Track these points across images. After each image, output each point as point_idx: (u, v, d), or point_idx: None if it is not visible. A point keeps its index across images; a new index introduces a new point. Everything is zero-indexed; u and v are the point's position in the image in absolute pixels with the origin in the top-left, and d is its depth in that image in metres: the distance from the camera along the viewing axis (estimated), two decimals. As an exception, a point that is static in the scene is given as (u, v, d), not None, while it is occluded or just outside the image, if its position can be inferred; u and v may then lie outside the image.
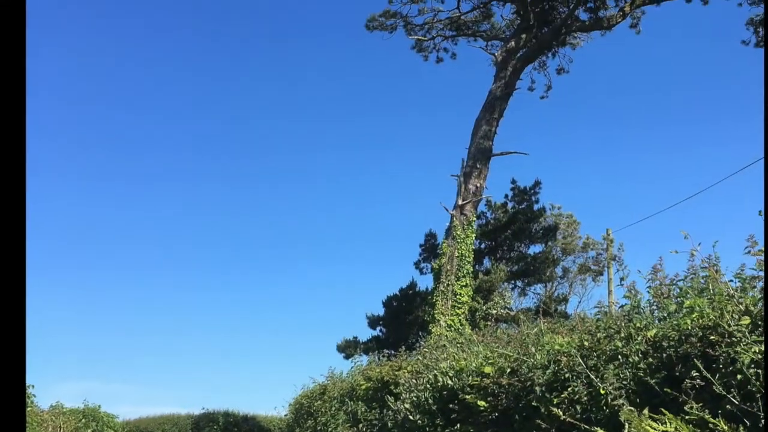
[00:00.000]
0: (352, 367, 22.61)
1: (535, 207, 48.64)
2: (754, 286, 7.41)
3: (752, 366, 6.34)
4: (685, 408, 6.63)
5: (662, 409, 6.75)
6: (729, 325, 6.74)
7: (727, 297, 7.30)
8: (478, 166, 32.77)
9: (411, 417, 13.70)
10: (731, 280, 7.78)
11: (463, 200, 32.14)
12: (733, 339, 6.61)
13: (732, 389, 6.44)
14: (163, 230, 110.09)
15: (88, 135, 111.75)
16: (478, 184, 32.67)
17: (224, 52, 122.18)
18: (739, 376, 6.43)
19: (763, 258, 7.21)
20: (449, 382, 12.80)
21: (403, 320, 46.56)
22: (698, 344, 7.15)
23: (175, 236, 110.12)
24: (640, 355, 7.98)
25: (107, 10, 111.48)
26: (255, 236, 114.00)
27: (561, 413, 8.28)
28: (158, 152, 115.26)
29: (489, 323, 29.70)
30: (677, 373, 7.27)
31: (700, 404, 6.61)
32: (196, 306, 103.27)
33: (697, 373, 6.72)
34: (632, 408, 7.30)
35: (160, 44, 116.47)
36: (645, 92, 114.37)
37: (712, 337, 6.90)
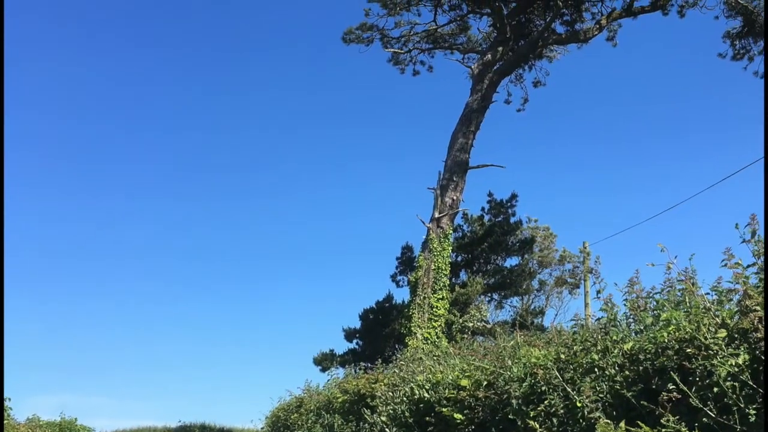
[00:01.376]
0: (328, 380, 22.57)
1: (512, 220, 48.73)
2: (731, 299, 7.42)
3: (729, 379, 6.35)
4: (662, 421, 6.64)
5: (639, 422, 6.76)
6: (705, 338, 6.74)
7: (703, 310, 7.31)
8: (454, 178, 32.80)
9: (387, 430, 13.67)
10: (708, 293, 7.79)
11: (439, 213, 32.14)
12: (710, 352, 6.62)
13: (708, 402, 6.45)
14: (140, 244, 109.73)
15: (61, 148, 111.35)
16: (455, 197, 32.68)
17: (201, 66, 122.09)
18: (715, 389, 6.44)
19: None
20: (426, 394, 12.79)
21: (379, 333, 46.49)
22: (675, 357, 7.16)
23: (152, 250, 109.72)
24: (616, 368, 7.98)
25: (85, 24, 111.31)
26: (232, 249, 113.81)
27: (537, 426, 8.28)
28: (133, 166, 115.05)
29: (465, 336, 29.67)
30: (654, 386, 7.28)
31: (677, 417, 6.62)
32: (172, 319, 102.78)
33: (674, 386, 6.73)
34: (609, 421, 7.31)
35: (138, 57, 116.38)
36: (622, 105, 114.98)
37: (688, 350, 6.91)
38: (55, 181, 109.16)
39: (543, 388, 8.91)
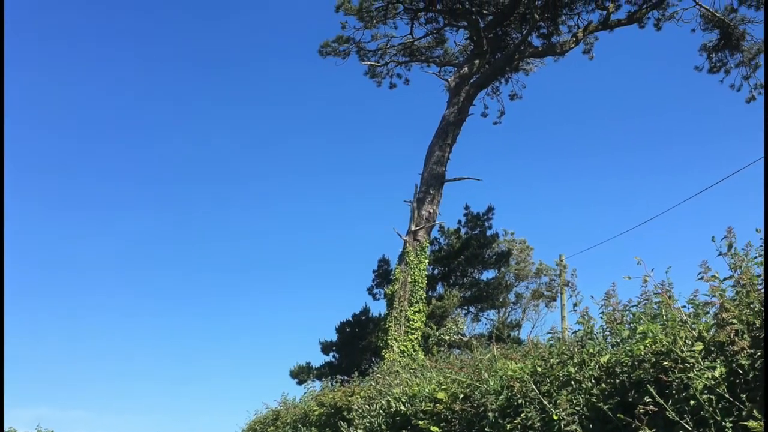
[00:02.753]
0: (305, 393, 22.47)
1: (488, 233, 48.87)
2: (707, 312, 7.42)
3: (705, 392, 6.34)
4: (639, 434, 6.63)
5: (616, 435, 6.75)
6: (682, 351, 6.74)
7: (680, 323, 7.31)
8: (431, 191, 32.79)
9: (364, 443, 13.63)
10: (684, 306, 7.79)
11: (416, 226, 32.12)
12: (687, 365, 6.61)
13: (685, 415, 6.44)
14: (116, 256, 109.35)
15: (36, 161, 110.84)
16: (431, 210, 32.67)
17: (177, 78, 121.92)
18: (692, 402, 6.43)
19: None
20: (402, 407, 12.75)
21: (356, 346, 46.49)
22: (651, 370, 7.15)
23: (128, 262, 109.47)
24: (593, 381, 7.97)
25: (62, 32, 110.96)
26: (208, 262, 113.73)
27: (514, 439, 8.26)
28: (108, 180, 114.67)
29: (442, 349, 29.69)
30: (630, 399, 7.26)
31: (653, 430, 6.61)
32: (149, 332, 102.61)
33: (650, 399, 6.71)
34: (585, 434, 7.29)
35: (115, 69, 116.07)
36: (598, 118, 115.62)
37: (665, 363, 6.90)
38: (31, 193, 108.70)
39: (519, 401, 8.89)
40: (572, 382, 8.21)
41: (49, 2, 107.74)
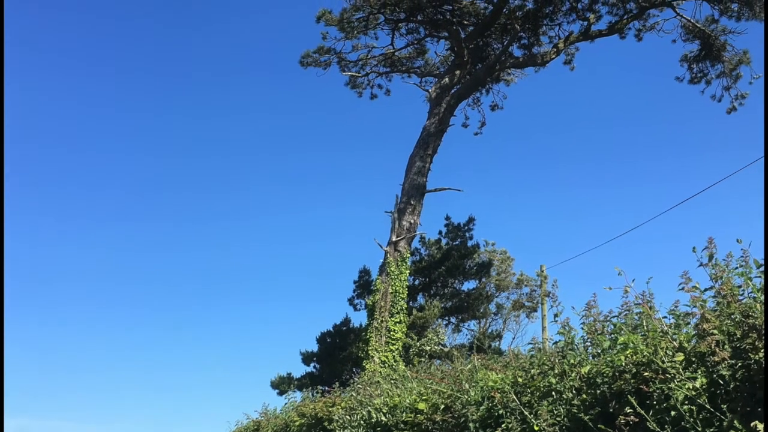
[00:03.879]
0: (286, 404, 22.42)
1: (469, 243, 48.86)
2: (688, 323, 7.43)
3: (686, 402, 6.33)
4: (620, 444, 6.62)
5: (597, 446, 6.73)
6: (663, 362, 6.73)
7: (660, 333, 7.30)
8: (412, 202, 32.78)
9: (344, 454, 13.60)
10: (665, 317, 7.79)
11: (397, 236, 32.10)
12: (667, 375, 6.61)
13: (666, 426, 6.43)
14: (95, 268, 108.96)
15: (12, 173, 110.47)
16: (412, 221, 32.66)
17: (157, 88, 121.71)
18: (672, 413, 6.42)
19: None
20: (383, 418, 12.72)
21: (337, 356, 46.40)
22: (632, 381, 7.14)
23: (108, 274, 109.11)
24: (574, 392, 7.96)
25: (41, 46, 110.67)
26: (189, 272, 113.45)
27: (495, 450, 8.24)
28: (86, 190, 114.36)
29: (423, 359, 29.70)
30: (611, 410, 7.25)
31: (635, 441, 6.60)
32: (130, 342, 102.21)
33: (631, 410, 6.71)
34: (566, 445, 7.28)
35: (96, 80, 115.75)
36: (579, 128, 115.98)
37: (645, 374, 6.90)
38: (9, 205, 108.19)
39: (500, 412, 8.88)
40: (553, 393, 8.21)
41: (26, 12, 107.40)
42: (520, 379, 9.03)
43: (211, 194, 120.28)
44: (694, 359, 6.71)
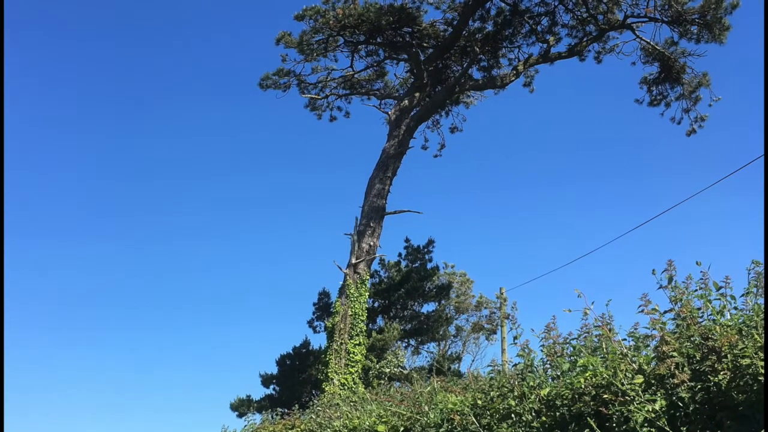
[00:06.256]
0: (245, 426, 22.33)
1: (429, 265, 48.83)
2: (648, 345, 7.44)
3: (645, 425, 6.33)
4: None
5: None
6: (622, 384, 6.73)
7: (620, 356, 7.31)
8: (371, 224, 32.76)
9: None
10: (625, 339, 7.80)
11: (356, 259, 32.06)
12: (627, 398, 6.60)
13: (626, 448, 6.43)
14: (55, 288, 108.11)
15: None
16: (372, 243, 32.64)
17: (117, 110, 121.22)
18: (632, 435, 6.42)
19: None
20: (342, 441, 12.68)
21: (296, 379, 46.23)
22: (591, 403, 7.13)
23: (66, 294, 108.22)
24: (533, 414, 7.95)
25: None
26: (147, 295, 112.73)
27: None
28: (47, 210, 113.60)
29: (382, 382, 29.63)
30: (571, 432, 7.24)
31: (594, 464, 6.58)
32: (86, 364, 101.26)
33: (591, 432, 6.70)
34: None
35: (49, 100, 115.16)
36: (539, 151, 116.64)
37: (605, 396, 6.89)
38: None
39: (460, 434, 8.85)
40: (512, 415, 8.19)
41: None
42: (479, 402, 9.00)
43: (168, 216, 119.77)
44: (653, 381, 6.71)
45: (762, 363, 5.89)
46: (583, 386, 7.39)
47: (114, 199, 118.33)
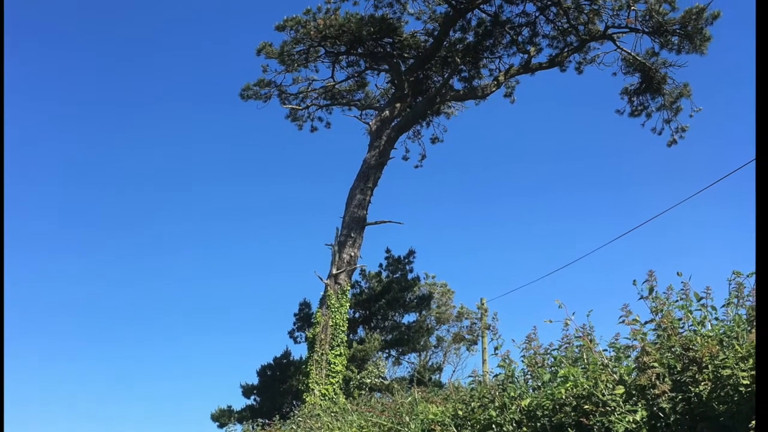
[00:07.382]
0: (225, 437, 22.28)
1: (410, 276, 48.82)
2: (629, 356, 7.44)
3: (626, 435, 6.33)
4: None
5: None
6: (603, 395, 6.73)
7: (601, 366, 7.31)
8: (352, 235, 32.76)
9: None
10: (605, 350, 7.80)
11: (337, 269, 32.04)
12: (608, 408, 6.60)
13: (607, 459, 6.42)
14: (32, 301, 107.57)
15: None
16: (353, 253, 32.63)
17: (92, 120, 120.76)
18: (613, 446, 6.41)
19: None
20: (323, 452, 12.65)
21: (277, 389, 46.13)
22: (572, 413, 7.13)
23: (43, 305, 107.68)
24: (514, 425, 7.94)
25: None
26: (127, 305, 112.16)
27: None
28: (25, 221, 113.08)
29: (363, 392, 29.58)
30: (552, 443, 7.23)
31: (575, 474, 6.58)
32: (65, 375, 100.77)
33: (572, 443, 6.69)
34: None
35: (32, 112, 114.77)
36: (520, 161, 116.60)
37: (586, 407, 6.89)
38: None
39: (441, 445, 8.83)
40: (493, 426, 8.17)
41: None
42: (460, 412, 8.99)
43: (148, 227, 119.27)
44: (634, 392, 6.71)
45: (743, 374, 5.90)
46: (564, 397, 7.38)
47: (92, 210, 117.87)
